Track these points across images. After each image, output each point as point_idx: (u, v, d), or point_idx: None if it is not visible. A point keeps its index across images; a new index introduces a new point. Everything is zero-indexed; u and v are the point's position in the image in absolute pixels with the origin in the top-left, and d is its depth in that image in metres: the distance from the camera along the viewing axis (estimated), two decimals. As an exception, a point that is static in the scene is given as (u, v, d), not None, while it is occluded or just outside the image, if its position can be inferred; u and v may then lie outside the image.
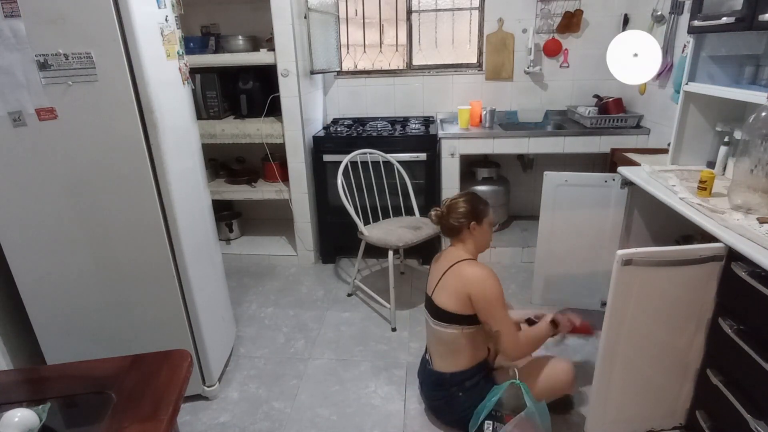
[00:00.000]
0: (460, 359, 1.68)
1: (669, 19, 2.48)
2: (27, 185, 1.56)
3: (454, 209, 1.69)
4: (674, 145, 2.08)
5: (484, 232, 1.71)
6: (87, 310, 1.74)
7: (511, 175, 3.39)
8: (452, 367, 1.68)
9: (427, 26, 3.23)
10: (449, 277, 1.66)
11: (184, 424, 1.83)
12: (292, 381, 2.06)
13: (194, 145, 1.94)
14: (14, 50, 1.40)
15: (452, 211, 1.70)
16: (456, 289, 1.63)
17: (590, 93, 3.08)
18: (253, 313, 2.60)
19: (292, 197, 2.98)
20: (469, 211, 1.68)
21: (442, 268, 1.69)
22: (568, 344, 2.20)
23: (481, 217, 1.69)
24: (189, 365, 1.21)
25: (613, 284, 1.45)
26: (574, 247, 2.27)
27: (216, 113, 2.93)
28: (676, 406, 1.65)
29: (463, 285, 1.61)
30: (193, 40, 2.86)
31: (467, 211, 1.68)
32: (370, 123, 3.15)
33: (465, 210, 1.68)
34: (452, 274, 1.65)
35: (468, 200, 1.71)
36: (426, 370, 1.79)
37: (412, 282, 2.86)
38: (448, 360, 1.70)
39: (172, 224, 1.67)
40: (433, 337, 1.74)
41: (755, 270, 1.28)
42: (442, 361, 1.71)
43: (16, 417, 1.00)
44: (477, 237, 1.70)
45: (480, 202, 1.72)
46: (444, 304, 1.65)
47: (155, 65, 1.56)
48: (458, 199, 1.72)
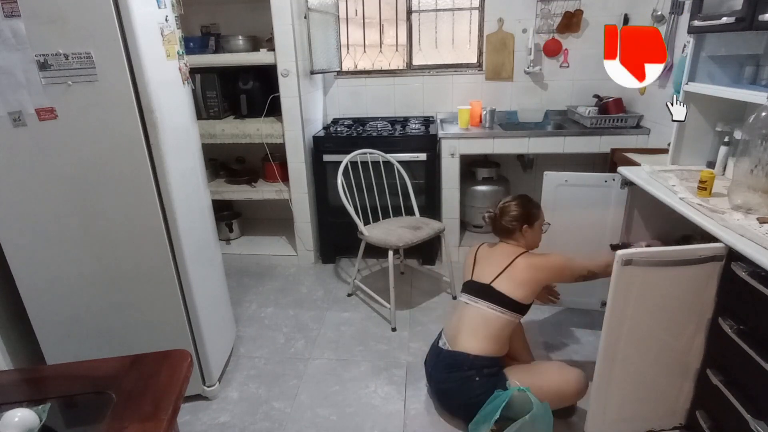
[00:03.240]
0: (491, 345, 1.70)
1: (669, 19, 2.48)
2: (27, 185, 1.56)
3: (507, 212, 1.80)
4: (674, 145, 2.07)
5: (535, 233, 1.83)
6: (87, 310, 1.74)
7: (511, 175, 3.39)
8: (479, 350, 1.69)
9: (427, 26, 3.23)
10: (516, 270, 1.73)
11: (184, 424, 1.83)
12: (292, 381, 2.06)
13: (194, 145, 1.94)
14: (14, 50, 1.40)
15: (505, 214, 1.81)
16: (525, 279, 1.71)
17: (590, 93, 3.08)
18: (253, 313, 2.60)
19: (292, 197, 2.98)
20: (521, 214, 1.79)
21: (503, 263, 1.75)
22: (568, 344, 2.20)
23: (532, 221, 1.81)
24: (189, 365, 1.21)
25: (613, 284, 1.45)
26: (574, 247, 2.26)
27: (216, 113, 2.93)
28: (676, 406, 1.65)
29: (537, 273, 1.73)
30: (193, 40, 2.86)
31: (519, 214, 1.79)
32: (370, 123, 3.15)
33: (517, 213, 1.79)
34: (519, 267, 1.73)
35: (520, 204, 1.81)
36: (441, 354, 1.78)
37: (412, 282, 2.86)
38: (480, 342, 1.70)
39: (172, 224, 1.67)
40: (477, 317, 1.74)
41: (755, 270, 1.27)
42: (472, 341, 1.71)
43: (16, 417, 1.00)
44: (528, 238, 1.81)
45: (532, 205, 1.83)
46: (510, 292, 1.71)
47: (155, 65, 1.56)
48: (511, 203, 1.82)
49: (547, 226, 1.88)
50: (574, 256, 1.78)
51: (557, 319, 2.41)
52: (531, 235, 1.82)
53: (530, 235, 1.82)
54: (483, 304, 1.73)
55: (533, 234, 1.82)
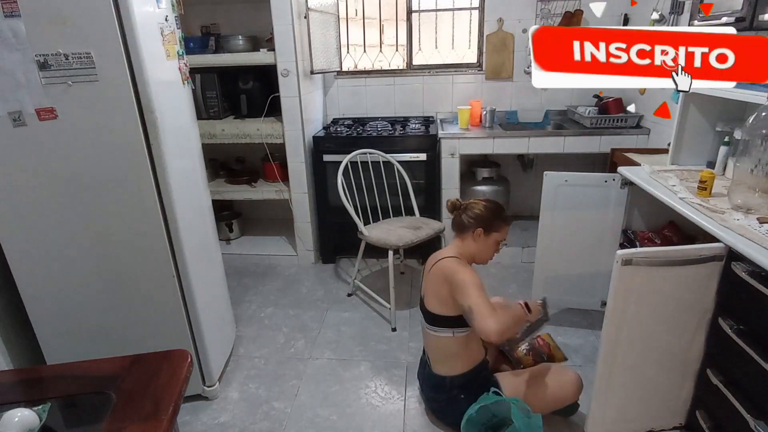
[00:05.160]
0: (457, 363, 1.68)
1: (669, 19, 2.48)
2: (27, 185, 1.56)
3: (471, 208, 1.68)
4: (674, 145, 2.07)
5: (487, 245, 1.67)
6: (87, 309, 1.73)
7: (511, 175, 3.39)
8: (450, 371, 1.68)
9: (427, 26, 3.23)
10: (432, 277, 1.66)
11: (184, 424, 1.83)
12: (292, 381, 2.06)
13: (194, 145, 1.94)
14: (14, 50, 1.40)
15: (468, 209, 1.68)
16: (437, 288, 1.63)
17: (590, 93, 3.08)
18: (253, 313, 2.60)
19: (292, 197, 2.98)
20: (483, 217, 1.65)
21: (428, 270, 1.70)
22: (568, 344, 2.20)
23: (490, 229, 1.66)
24: (189, 365, 1.21)
25: (613, 284, 1.45)
26: (574, 247, 2.27)
27: (216, 113, 2.93)
28: (676, 406, 1.65)
29: (443, 280, 1.61)
30: (193, 40, 2.86)
31: (482, 216, 1.65)
32: (370, 123, 3.14)
33: (480, 214, 1.66)
34: (434, 273, 1.65)
35: (488, 207, 1.68)
36: (425, 372, 1.79)
37: (412, 282, 2.86)
38: (445, 364, 1.70)
39: (172, 224, 1.67)
40: (428, 341, 1.74)
41: (755, 270, 1.28)
42: (439, 365, 1.71)
43: (16, 417, 1.00)
44: (478, 245, 1.67)
45: (500, 216, 1.68)
46: (433, 306, 1.65)
47: (155, 65, 1.56)
48: (481, 202, 1.70)
49: (503, 245, 1.72)
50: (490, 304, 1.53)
51: (557, 319, 2.41)
52: (482, 243, 1.66)
53: (481, 244, 1.66)
54: (426, 326, 1.71)
55: (485, 244, 1.66)
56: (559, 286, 2.35)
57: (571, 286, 2.35)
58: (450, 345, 1.66)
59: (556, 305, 2.44)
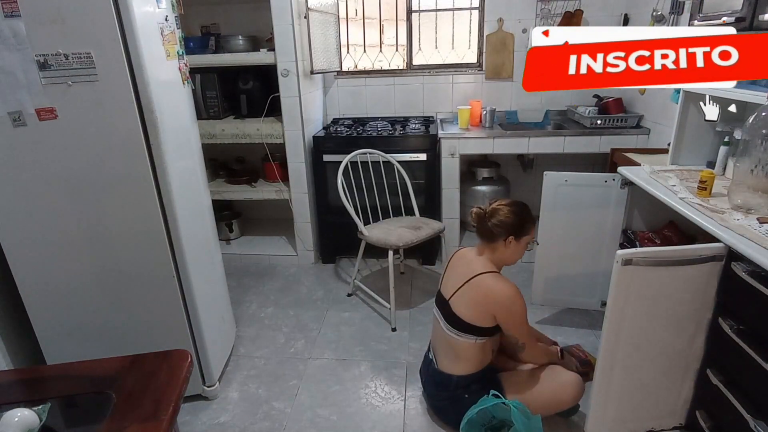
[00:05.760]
0: (469, 365, 1.67)
1: (669, 19, 2.48)
2: (27, 185, 1.56)
3: (497, 215, 1.60)
4: (674, 145, 2.08)
5: (519, 249, 1.64)
6: (87, 309, 1.73)
7: (511, 175, 3.39)
8: (459, 371, 1.68)
9: (427, 26, 3.23)
10: (472, 289, 1.60)
11: (184, 424, 1.83)
12: (292, 381, 2.06)
13: (194, 145, 1.94)
14: (14, 50, 1.40)
15: (494, 216, 1.60)
16: (478, 303, 1.60)
17: (590, 93, 3.07)
18: (253, 313, 2.60)
19: (292, 197, 2.98)
20: (512, 223, 1.59)
21: (464, 276, 1.63)
22: (568, 344, 2.19)
23: (520, 234, 1.61)
24: (189, 365, 1.21)
25: (613, 284, 1.45)
26: (574, 247, 2.27)
27: (216, 113, 2.93)
28: (676, 406, 1.65)
29: (488, 302, 1.58)
30: (193, 40, 2.86)
31: (510, 222, 1.58)
32: (370, 123, 3.15)
33: (508, 220, 1.58)
34: (475, 286, 1.60)
35: (515, 211, 1.60)
36: (430, 369, 1.78)
37: (412, 282, 2.86)
38: (455, 364, 1.69)
39: (172, 224, 1.67)
40: (443, 340, 1.71)
41: (755, 270, 1.28)
42: (449, 364, 1.70)
43: (16, 417, 1.01)
44: (509, 250, 1.62)
45: (527, 217, 1.62)
46: (463, 314, 1.61)
47: (155, 65, 1.55)
48: (505, 206, 1.61)
49: (533, 245, 1.69)
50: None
51: (557, 319, 2.41)
52: (514, 249, 1.62)
53: (512, 249, 1.62)
54: (444, 325, 1.67)
55: (516, 249, 1.63)
56: (559, 286, 2.35)
57: (571, 286, 2.35)
58: (468, 349, 1.65)
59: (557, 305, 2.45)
